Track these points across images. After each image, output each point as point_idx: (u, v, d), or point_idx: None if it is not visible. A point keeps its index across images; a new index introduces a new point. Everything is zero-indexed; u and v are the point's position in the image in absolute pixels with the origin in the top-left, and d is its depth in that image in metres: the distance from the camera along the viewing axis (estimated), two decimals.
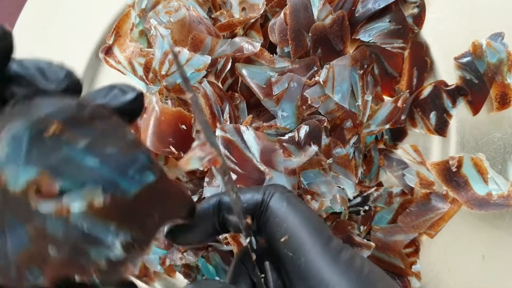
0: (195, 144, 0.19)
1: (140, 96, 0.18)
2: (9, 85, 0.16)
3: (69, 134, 0.15)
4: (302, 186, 0.30)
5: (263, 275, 0.22)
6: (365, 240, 0.32)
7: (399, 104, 0.32)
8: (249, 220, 0.21)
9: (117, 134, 0.17)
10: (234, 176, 0.30)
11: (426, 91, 0.33)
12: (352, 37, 0.33)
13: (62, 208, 0.14)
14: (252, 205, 0.22)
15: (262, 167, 0.30)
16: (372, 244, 0.32)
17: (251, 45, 0.32)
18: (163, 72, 0.32)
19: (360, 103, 0.32)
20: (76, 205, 0.14)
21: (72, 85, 0.17)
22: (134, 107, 0.18)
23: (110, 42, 0.36)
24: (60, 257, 0.15)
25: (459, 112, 0.33)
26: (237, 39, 0.32)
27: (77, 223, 0.15)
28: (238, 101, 0.33)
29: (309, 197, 0.30)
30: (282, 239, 0.21)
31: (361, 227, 0.33)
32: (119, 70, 0.36)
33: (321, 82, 0.30)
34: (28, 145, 0.14)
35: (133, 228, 0.16)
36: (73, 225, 0.15)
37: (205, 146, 0.19)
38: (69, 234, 0.15)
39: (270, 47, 0.33)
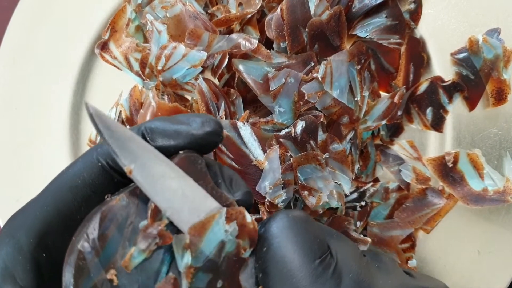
0: (141, 227, 0.19)
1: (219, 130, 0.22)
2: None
3: None
4: (299, 182, 0.30)
5: None
6: (362, 236, 0.32)
7: (396, 99, 0.33)
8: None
9: None
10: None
11: (423, 86, 0.33)
12: (349, 33, 0.33)
13: None
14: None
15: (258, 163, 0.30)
16: (369, 239, 0.32)
17: (248, 41, 0.32)
18: (159, 67, 0.32)
19: (358, 99, 0.32)
20: None
21: (247, 198, 0.22)
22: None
23: (106, 38, 0.36)
24: None
25: (456, 108, 0.33)
26: (234, 36, 0.32)
27: None
28: (234, 97, 0.33)
29: (306, 193, 0.30)
30: None
31: (358, 223, 0.33)
32: (115, 66, 0.36)
33: (320, 78, 0.30)
34: None
35: None
36: None
37: (151, 227, 0.18)
38: None
39: (267, 43, 0.33)
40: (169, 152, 0.21)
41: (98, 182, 0.21)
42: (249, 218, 0.20)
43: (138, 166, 0.19)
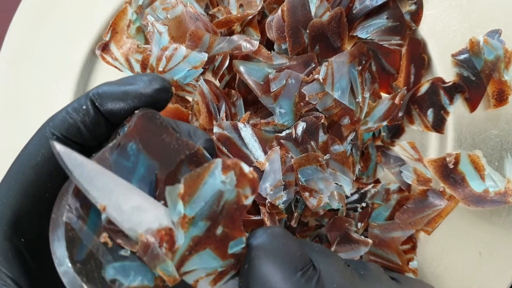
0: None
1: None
2: None
3: None
4: (300, 183, 0.30)
5: None
6: (363, 237, 0.32)
7: (397, 101, 0.33)
8: None
9: None
10: None
11: (424, 88, 0.33)
12: (350, 34, 0.33)
13: None
14: None
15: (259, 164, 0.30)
16: (370, 241, 0.32)
17: (249, 43, 0.32)
18: (160, 69, 0.32)
19: (360, 100, 0.32)
20: None
21: (209, 145, 0.22)
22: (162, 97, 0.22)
23: (107, 39, 0.36)
24: None
25: (456, 109, 0.33)
26: (235, 37, 0.32)
27: None
28: (235, 98, 0.33)
29: (307, 194, 0.30)
30: None
31: (359, 224, 0.33)
32: (116, 67, 0.36)
33: (321, 80, 0.30)
34: None
35: None
36: None
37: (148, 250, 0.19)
38: None
39: (268, 44, 0.33)
40: (121, 116, 0.21)
41: None
42: (246, 168, 0.20)
43: (111, 202, 0.18)
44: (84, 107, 0.21)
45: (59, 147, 0.18)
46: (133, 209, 0.19)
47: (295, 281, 0.20)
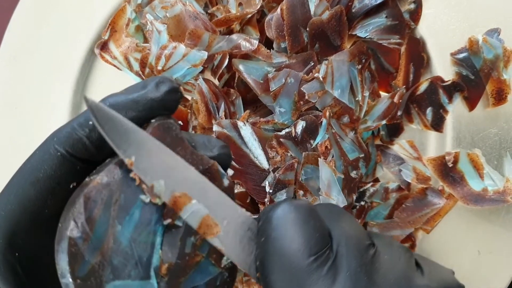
0: None
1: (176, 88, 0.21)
2: None
3: None
4: (300, 180, 0.30)
5: None
6: None
7: (396, 99, 0.33)
8: None
9: None
10: (231, 172, 0.30)
11: (423, 86, 0.33)
12: (349, 33, 0.33)
13: None
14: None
15: (259, 162, 0.30)
16: None
17: (248, 42, 0.32)
18: (159, 67, 0.32)
19: (360, 98, 0.32)
20: None
21: (224, 151, 0.23)
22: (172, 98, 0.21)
23: (106, 38, 0.36)
24: None
25: (456, 108, 0.33)
26: (234, 36, 0.32)
27: None
28: (234, 97, 0.33)
29: (301, 192, 0.30)
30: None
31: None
32: (115, 66, 0.36)
33: (321, 78, 0.30)
34: None
35: None
36: None
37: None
38: None
39: (267, 42, 0.33)
40: (136, 125, 0.20)
41: (61, 173, 0.19)
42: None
43: (138, 158, 0.18)
44: (90, 122, 0.20)
45: (91, 102, 0.18)
46: (160, 167, 0.19)
47: (307, 264, 0.19)
